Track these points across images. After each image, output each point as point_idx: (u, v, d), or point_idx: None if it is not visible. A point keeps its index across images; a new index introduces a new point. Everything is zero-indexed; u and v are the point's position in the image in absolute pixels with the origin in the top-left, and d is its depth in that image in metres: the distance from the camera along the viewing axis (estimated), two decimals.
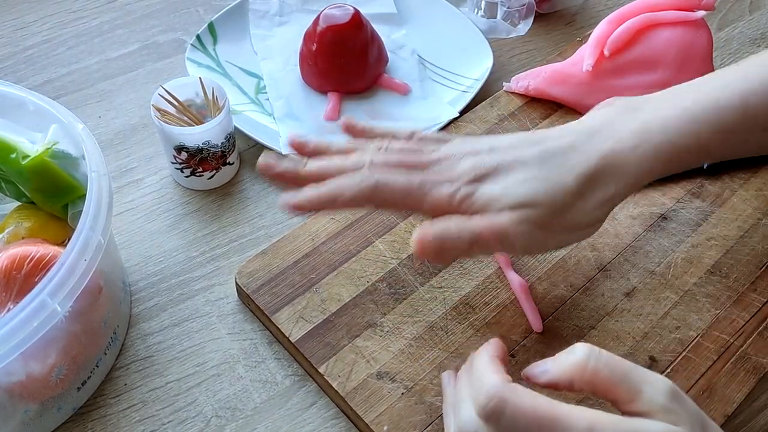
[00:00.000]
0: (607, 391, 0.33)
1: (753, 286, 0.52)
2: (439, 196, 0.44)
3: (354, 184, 0.44)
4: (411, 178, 0.44)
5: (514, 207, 0.42)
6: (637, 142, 0.44)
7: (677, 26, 0.61)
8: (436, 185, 0.44)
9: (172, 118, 0.58)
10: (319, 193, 0.44)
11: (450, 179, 0.44)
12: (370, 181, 0.44)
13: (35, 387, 0.43)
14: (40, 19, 0.76)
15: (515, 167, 0.44)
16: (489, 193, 0.43)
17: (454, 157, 0.45)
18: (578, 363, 0.34)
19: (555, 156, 0.44)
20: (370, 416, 0.45)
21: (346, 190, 0.44)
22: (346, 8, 0.65)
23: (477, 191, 0.43)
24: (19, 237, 0.49)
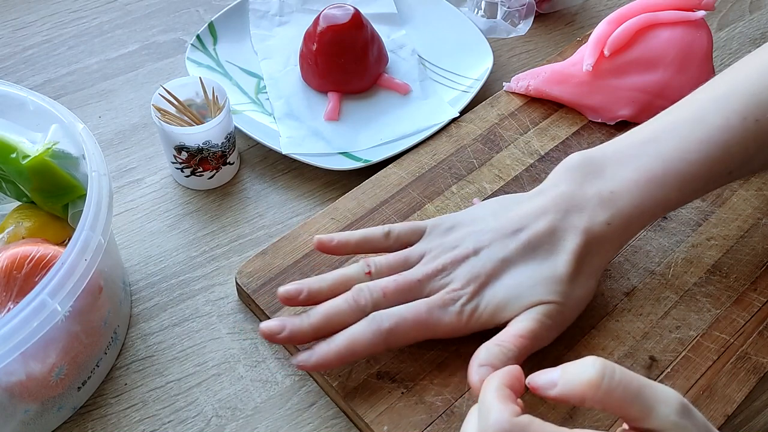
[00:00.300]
0: (620, 409, 0.33)
1: (753, 286, 0.52)
2: (449, 319, 0.45)
3: (367, 338, 0.45)
4: (417, 312, 0.45)
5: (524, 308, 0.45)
6: (608, 215, 0.46)
7: (677, 26, 0.61)
8: (441, 310, 0.45)
9: (172, 118, 0.58)
10: (336, 349, 0.45)
11: (452, 299, 0.45)
12: (382, 330, 0.44)
13: (35, 387, 0.43)
14: (40, 19, 0.76)
15: (507, 268, 0.46)
16: (494, 302, 0.45)
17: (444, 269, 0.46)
18: (592, 381, 0.32)
19: (540, 246, 0.46)
20: (370, 416, 0.45)
21: (359, 346, 0.45)
22: (346, 8, 0.65)
23: (480, 304, 0.45)
24: (19, 237, 0.49)
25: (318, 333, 0.45)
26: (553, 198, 0.47)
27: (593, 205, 0.46)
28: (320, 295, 0.47)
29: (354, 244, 0.49)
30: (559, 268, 0.45)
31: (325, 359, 0.45)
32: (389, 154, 0.60)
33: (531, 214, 0.47)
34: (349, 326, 0.45)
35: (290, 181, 0.62)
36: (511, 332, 0.44)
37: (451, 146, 0.61)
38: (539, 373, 0.35)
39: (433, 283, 0.46)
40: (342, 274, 0.48)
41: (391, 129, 0.63)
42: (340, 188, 0.60)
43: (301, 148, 0.61)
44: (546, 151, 0.60)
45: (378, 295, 0.46)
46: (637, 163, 0.47)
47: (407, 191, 0.58)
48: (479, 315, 0.45)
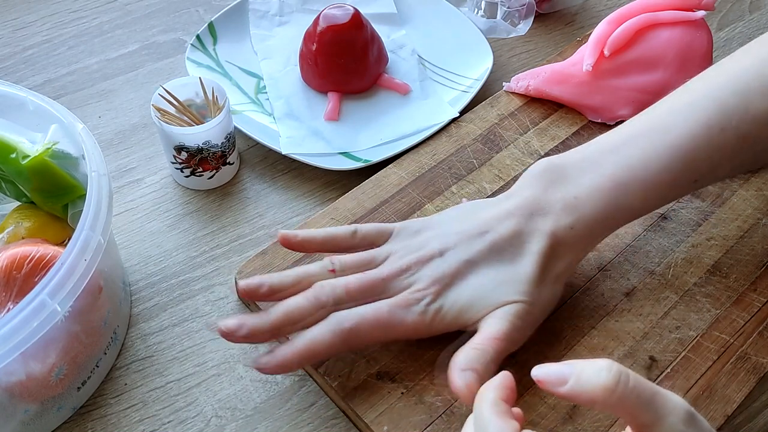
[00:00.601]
0: (629, 415, 0.32)
1: (753, 286, 0.52)
2: (412, 319, 0.45)
3: (327, 338, 0.44)
4: (379, 312, 0.45)
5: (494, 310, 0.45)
6: (572, 220, 0.46)
7: (677, 26, 0.61)
8: (403, 310, 0.45)
9: (172, 118, 0.58)
10: (296, 351, 0.44)
11: (416, 299, 0.45)
12: (343, 330, 0.44)
13: (35, 387, 0.43)
14: (40, 19, 0.76)
15: (473, 270, 0.46)
16: (459, 303, 0.45)
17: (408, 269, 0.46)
18: (606, 387, 0.32)
19: (505, 248, 0.46)
20: (370, 416, 0.45)
21: (319, 346, 0.44)
22: (346, 8, 0.65)
23: (444, 304, 0.45)
24: (19, 237, 0.49)
25: (277, 331, 0.45)
26: (518, 202, 0.47)
27: (557, 210, 0.46)
28: (282, 291, 0.46)
29: (319, 242, 0.49)
30: (524, 269, 0.45)
31: (286, 361, 0.44)
32: (389, 154, 0.60)
33: (496, 218, 0.47)
34: (310, 324, 0.45)
35: (290, 181, 0.62)
36: (486, 335, 0.44)
37: (451, 146, 0.61)
38: (547, 366, 0.34)
39: (397, 282, 0.46)
40: (305, 270, 0.47)
41: (391, 129, 0.63)
42: (340, 188, 0.60)
43: (301, 148, 0.61)
44: (546, 151, 0.60)
45: (340, 292, 0.45)
46: (601, 171, 0.47)
47: (407, 191, 0.58)
48: (443, 316, 0.45)
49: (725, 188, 0.58)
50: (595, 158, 0.48)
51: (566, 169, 0.48)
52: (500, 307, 0.45)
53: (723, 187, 0.58)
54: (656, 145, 0.47)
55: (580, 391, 0.32)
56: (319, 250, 0.50)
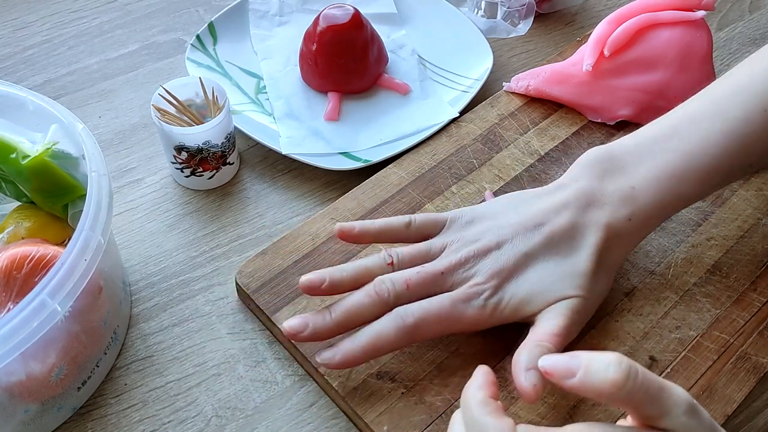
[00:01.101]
0: (635, 408, 0.32)
1: (753, 286, 0.52)
2: (472, 313, 0.45)
3: (392, 333, 0.44)
4: (441, 306, 0.45)
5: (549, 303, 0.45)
6: (629, 211, 0.46)
7: (677, 26, 0.61)
8: (464, 304, 0.45)
9: (172, 118, 0.58)
10: (361, 346, 0.44)
11: (475, 292, 0.45)
12: (407, 326, 0.44)
13: (35, 387, 0.43)
14: (40, 19, 0.76)
15: (530, 263, 0.46)
16: (518, 296, 0.45)
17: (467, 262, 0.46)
18: (615, 382, 0.32)
19: (562, 240, 0.46)
20: (370, 416, 0.45)
21: (384, 341, 0.44)
22: (346, 8, 0.65)
23: (504, 298, 0.45)
24: (19, 237, 0.49)
25: (341, 329, 0.45)
26: (573, 193, 0.47)
27: (614, 201, 0.46)
28: (342, 286, 0.46)
29: (375, 233, 0.49)
30: (581, 263, 0.45)
31: (351, 356, 0.44)
32: (389, 154, 0.60)
33: (552, 209, 0.47)
34: (373, 320, 0.45)
35: (290, 181, 0.62)
36: (547, 331, 0.44)
37: (451, 146, 0.61)
38: (555, 356, 0.34)
39: (455, 275, 0.46)
40: (363, 264, 0.47)
41: (391, 129, 0.63)
42: (340, 188, 0.60)
43: (301, 148, 0.61)
44: (546, 151, 0.60)
45: (401, 287, 0.45)
46: (658, 159, 0.47)
47: (407, 191, 0.58)
48: (502, 309, 0.45)
49: (725, 188, 0.58)
50: (649, 146, 0.48)
51: (621, 157, 0.47)
52: (558, 302, 0.45)
53: (723, 186, 0.58)
54: (712, 131, 0.46)
55: (589, 385, 0.32)
56: (375, 241, 0.50)
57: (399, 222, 0.49)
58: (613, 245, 0.46)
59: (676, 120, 0.48)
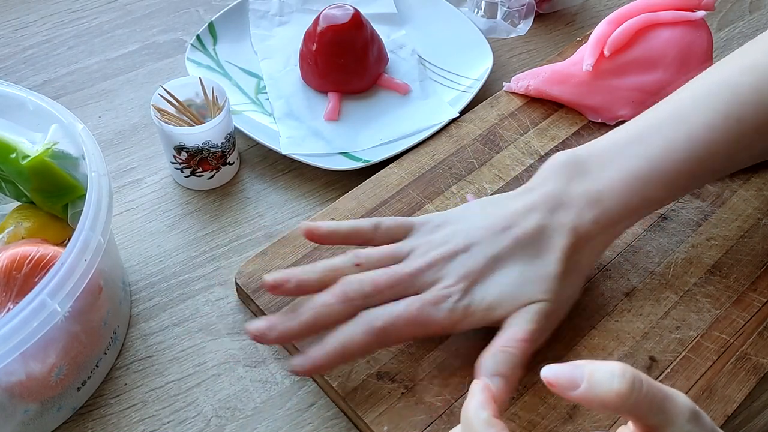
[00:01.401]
0: (639, 418, 0.32)
1: (753, 286, 0.52)
2: (442, 316, 0.45)
3: (360, 338, 0.44)
4: (410, 310, 0.44)
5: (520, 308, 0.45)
6: (596, 214, 0.46)
7: (677, 26, 0.61)
8: (434, 306, 0.45)
9: (172, 118, 0.58)
10: (329, 352, 0.44)
11: (443, 295, 0.45)
12: (375, 329, 0.44)
13: (35, 387, 0.43)
14: (40, 19, 0.76)
15: (499, 266, 0.46)
16: (487, 299, 0.45)
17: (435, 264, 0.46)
18: (620, 394, 0.31)
19: (529, 244, 0.46)
20: (370, 416, 0.45)
21: (353, 346, 0.44)
22: (346, 8, 0.65)
23: (473, 302, 0.45)
24: (19, 237, 0.49)
25: (308, 331, 0.45)
26: (540, 196, 0.47)
27: (581, 204, 0.46)
28: (308, 286, 0.46)
29: (343, 235, 0.49)
30: (549, 266, 0.45)
31: (320, 363, 0.44)
32: (389, 154, 0.60)
33: (519, 212, 0.47)
34: (340, 322, 0.45)
35: (290, 181, 0.62)
36: (512, 336, 0.43)
37: (451, 146, 0.61)
38: (558, 367, 0.33)
39: (423, 277, 0.46)
40: (331, 264, 0.47)
41: (391, 129, 0.63)
42: (340, 188, 0.60)
43: (301, 148, 0.61)
44: (546, 151, 0.60)
45: (368, 287, 0.45)
46: (624, 163, 0.47)
47: (407, 191, 0.58)
48: (472, 312, 0.45)
49: (725, 188, 0.58)
50: (616, 150, 0.48)
51: (588, 161, 0.48)
52: (525, 306, 0.45)
53: (723, 187, 0.58)
54: (675, 136, 0.47)
55: (593, 396, 0.32)
56: (343, 243, 0.50)
57: (367, 224, 0.49)
58: (582, 248, 0.46)
59: (641, 125, 0.49)
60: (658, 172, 0.47)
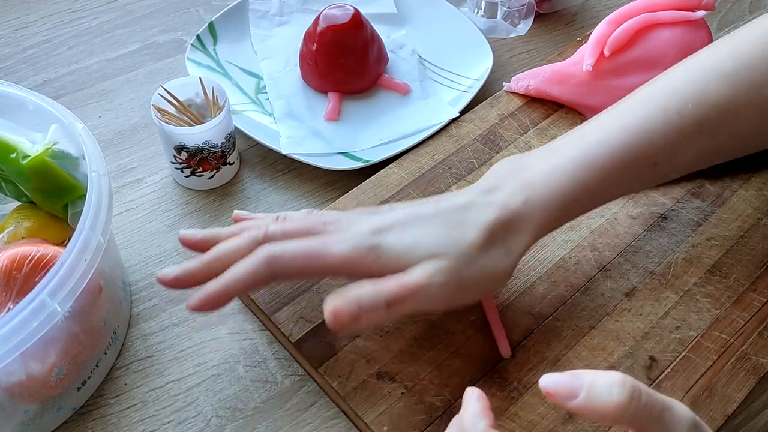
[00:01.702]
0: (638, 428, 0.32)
1: (753, 286, 0.52)
2: (340, 250, 0.43)
3: (251, 267, 0.42)
4: (308, 242, 0.43)
5: (423, 259, 0.42)
6: (526, 195, 0.45)
7: (677, 26, 0.61)
8: (337, 241, 0.43)
9: (172, 118, 0.58)
10: (222, 283, 0.42)
11: (350, 232, 0.43)
12: (267, 257, 0.42)
13: (35, 387, 0.43)
14: (40, 19, 0.76)
15: (416, 222, 0.44)
16: (397, 246, 0.43)
17: (351, 217, 0.45)
18: (619, 405, 0.31)
19: (454, 212, 0.45)
20: (370, 416, 0.45)
21: (244, 275, 0.42)
22: (346, 8, 0.65)
23: (383, 244, 0.43)
24: (19, 237, 0.49)
25: (210, 269, 0.44)
26: (477, 184, 0.47)
27: (512, 187, 0.46)
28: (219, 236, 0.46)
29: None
30: (468, 233, 0.44)
31: (213, 295, 0.42)
32: (389, 154, 0.60)
33: (452, 195, 0.47)
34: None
35: (290, 181, 0.62)
36: (395, 280, 0.42)
37: (451, 146, 0.61)
38: (556, 376, 0.33)
39: (336, 225, 0.45)
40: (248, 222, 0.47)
41: (391, 129, 0.63)
42: (340, 188, 0.60)
43: (301, 148, 0.61)
44: None
45: (275, 228, 0.44)
46: (558, 156, 0.47)
47: (407, 191, 0.58)
48: (379, 255, 0.43)
49: (725, 188, 0.58)
50: (554, 148, 0.48)
51: (526, 160, 0.48)
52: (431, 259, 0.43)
53: (723, 187, 0.58)
54: (612, 126, 0.47)
55: (592, 406, 0.31)
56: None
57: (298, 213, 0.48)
58: (511, 228, 0.45)
59: (582, 127, 0.49)
60: (591, 157, 0.46)
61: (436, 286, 0.42)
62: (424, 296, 0.42)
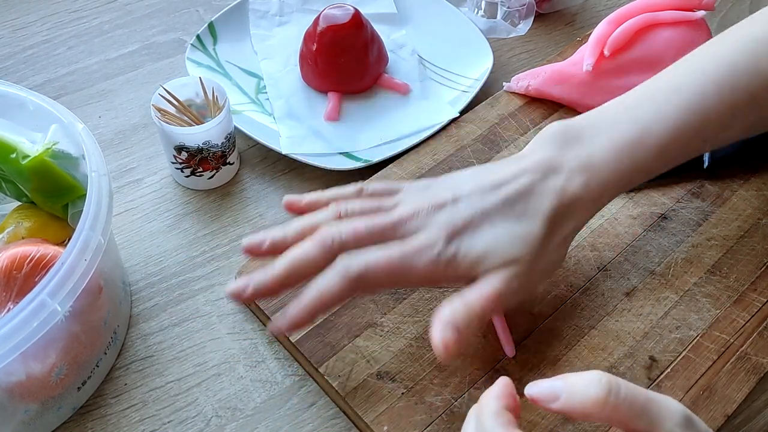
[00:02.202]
0: (625, 424, 0.32)
1: (753, 286, 0.52)
2: (424, 265, 0.43)
3: (336, 287, 0.42)
4: (390, 254, 0.43)
5: (499, 267, 0.43)
6: (586, 179, 0.45)
7: (677, 26, 0.61)
8: (417, 254, 0.43)
9: (172, 117, 0.58)
10: (306, 305, 0.42)
11: (428, 242, 0.43)
12: (351, 275, 0.42)
13: (35, 387, 0.43)
14: (40, 19, 0.76)
15: (485, 220, 0.44)
16: (473, 252, 0.43)
17: (420, 213, 0.44)
18: (597, 399, 0.32)
19: (517, 202, 0.45)
20: (370, 416, 0.45)
21: (329, 296, 0.42)
22: (346, 8, 0.65)
23: (459, 253, 0.43)
24: (19, 237, 0.49)
25: (285, 282, 0.43)
26: (532, 162, 0.46)
27: (572, 168, 0.46)
28: (285, 243, 0.45)
29: (324, 203, 0.47)
30: (533, 227, 0.44)
31: (299, 318, 0.42)
32: (389, 154, 0.60)
33: (510, 175, 0.46)
34: (317, 271, 0.43)
35: (290, 181, 0.62)
36: (480, 293, 0.42)
37: (451, 146, 0.61)
38: (539, 382, 0.34)
39: (408, 225, 0.44)
40: (309, 219, 0.46)
41: (391, 129, 0.63)
42: None
43: (301, 148, 0.61)
44: None
45: (347, 235, 0.43)
46: (615, 130, 0.47)
47: None
48: (457, 264, 0.43)
49: (725, 188, 0.58)
50: (609, 118, 0.48)
51: (580, 129, 0.47)
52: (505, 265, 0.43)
53: (723, 187, 0.58)
54: (670, 104, 0.47)
55: (573, 405, 0.32)
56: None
57: (350, 190, 0.48)
58: (568, 213, 0.45)
59: (634, 95, 0.49)
60: (649, 138, 0.46)
61: (513, 291, 0.43)
62: (502, 303, 0.43)
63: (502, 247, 0.43)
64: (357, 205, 0.46)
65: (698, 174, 0.59)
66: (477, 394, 0.42)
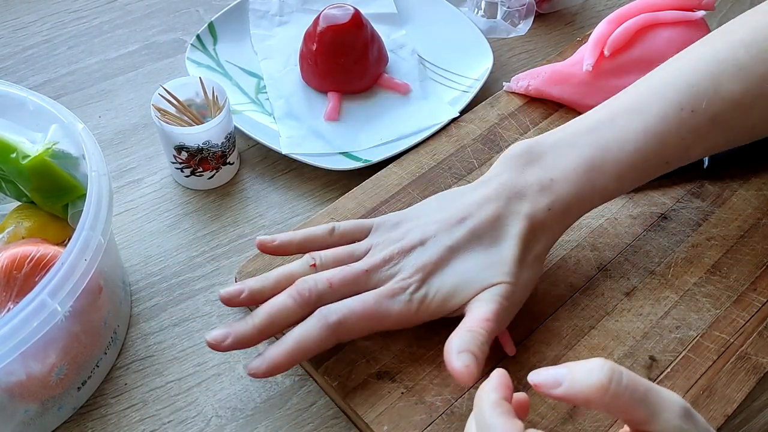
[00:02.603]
0: (624, 412, 0.32)
1: (753, 286, 0.52)
2: (398, 309, 0.45)
3: (315, 334, 0.44)
4: (365, 303, 0.45)
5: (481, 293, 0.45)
6: (549, 201, 0.47)
7: (677, 26, 0.61)
8: (389, 300, 0.45)
9: (172, 117, 0.58)
10: (285, 350, 0.44)
11: (400, 287, 0.45)
12: (330, 324, 0.44)
13: (35, 387, 0.43)
14: (40, 19, 0.76)
15: (453, 257, 0.46)
16: (443, 290, 0.45)
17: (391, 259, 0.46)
18: (599, 386, 0.32)
19: (485, 232, 0.46)
20: (370, 416, 0.45)
21: (309, 343, 0.44)
22: (346, 8, 0.65)
23: (429, 292, 0.45)
24: (19, 237, 0.49)
25: (264, 333, 0.45)
26: (495, 187, 0.48)
27: (534, 192, 0.47)
28: (263, 294, 0.46)
29: (297, 244, 0.49)
30: (506, 251, 0.46)
31: (276, 363, 0.44)
32: (389, 154, 0.60)
33: (475, 203, 0.47)
34: (296, 323, 0.45)
35: (290, 181, 0.62)
36: (477, 317, 0.44)
37: (451, 146, 0.61)
38: (542, 370, 0.35)
39: (380, 273, 0.46)
40: (285, 270, 0.47)
41: (391, 129, 0.63)
42: (340, 188, 0.60)
43: (301, 148, 0.61)
44: None
45: (323, 286, 0.45)
46: (576, 152, 0.47)
47: (407, 191, 0.58)
48: (428, 303, 0.45)
49: (725, 188, 0.58)
50: (570, 140, 0.48)
51: (542, 150, 0.48)
52: (486, 290, 0.45)
53: (723, 187, 0.58)
54: (629, 127, 0.47)
55: (575, 391, 0.33)
56: (299, 251, 0.49)
57: (322, 230, 0.49)
58: (537, 234, 0.47)
59: (596, 116, 0.49)
60: (610, 162, 0.47)
61: (506, 310, 0.45)
62: (500, 323, 0.45)
63: (475, 278, 0.45)
64: (330, 254, 0.48)
65: (698, 174, 0.59)
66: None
